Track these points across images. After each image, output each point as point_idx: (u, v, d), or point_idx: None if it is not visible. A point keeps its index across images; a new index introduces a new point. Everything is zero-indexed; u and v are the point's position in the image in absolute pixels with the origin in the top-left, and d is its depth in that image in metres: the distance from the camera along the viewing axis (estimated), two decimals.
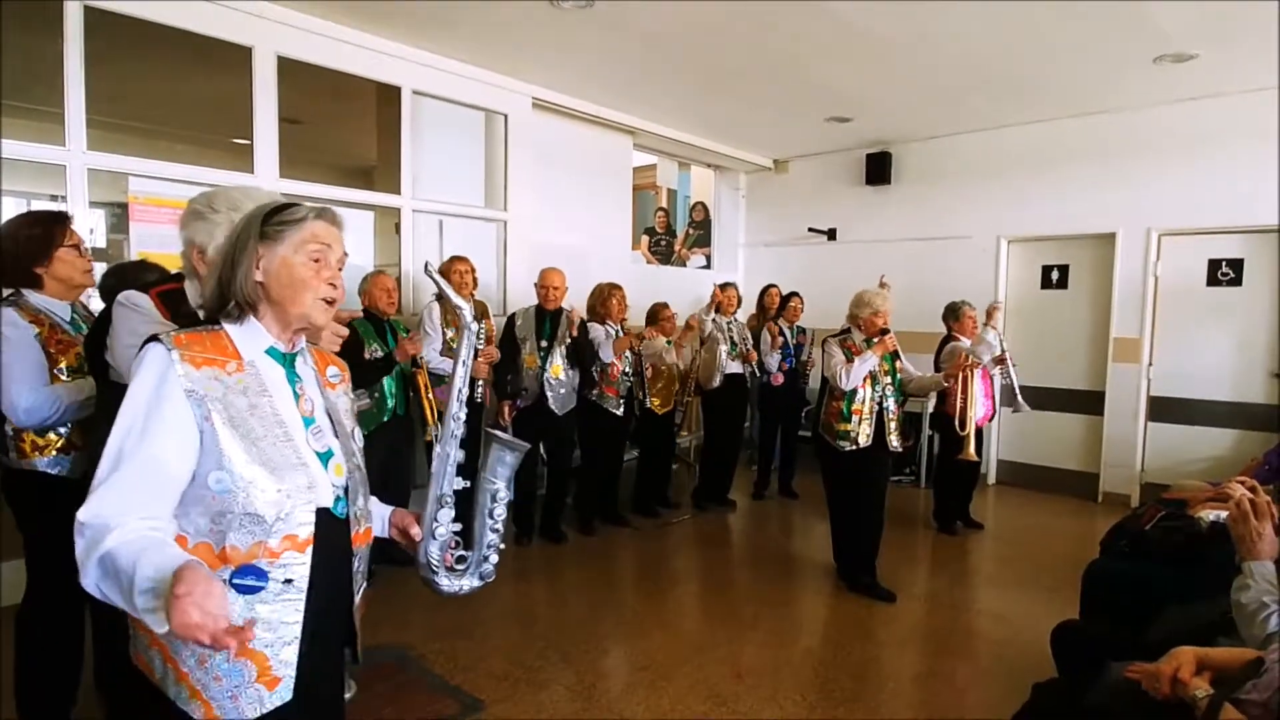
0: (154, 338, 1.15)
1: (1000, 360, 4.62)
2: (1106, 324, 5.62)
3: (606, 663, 3.03)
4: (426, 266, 1.30)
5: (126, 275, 2.52)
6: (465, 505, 1.32)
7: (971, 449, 4.22)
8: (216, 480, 1.12)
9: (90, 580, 1.05)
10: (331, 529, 1.25)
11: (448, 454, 1.28)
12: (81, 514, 1.07)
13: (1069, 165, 5.73)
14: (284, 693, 1.19)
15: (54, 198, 6.15)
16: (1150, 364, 5.49)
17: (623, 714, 2.62)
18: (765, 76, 4.92)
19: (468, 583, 1.31)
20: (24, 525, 2.23)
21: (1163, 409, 5.48)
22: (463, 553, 1.29)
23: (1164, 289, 5.43)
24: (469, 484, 1.33)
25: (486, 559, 1.31)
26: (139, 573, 1.00)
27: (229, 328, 1.21)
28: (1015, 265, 6.15)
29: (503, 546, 1.32)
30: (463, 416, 1.29)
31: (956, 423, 4.24)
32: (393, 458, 3.74)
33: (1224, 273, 5.23)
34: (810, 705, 2.70)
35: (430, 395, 3.82)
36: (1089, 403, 5.77)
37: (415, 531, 1.32)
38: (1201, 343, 5.30)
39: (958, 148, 6.28)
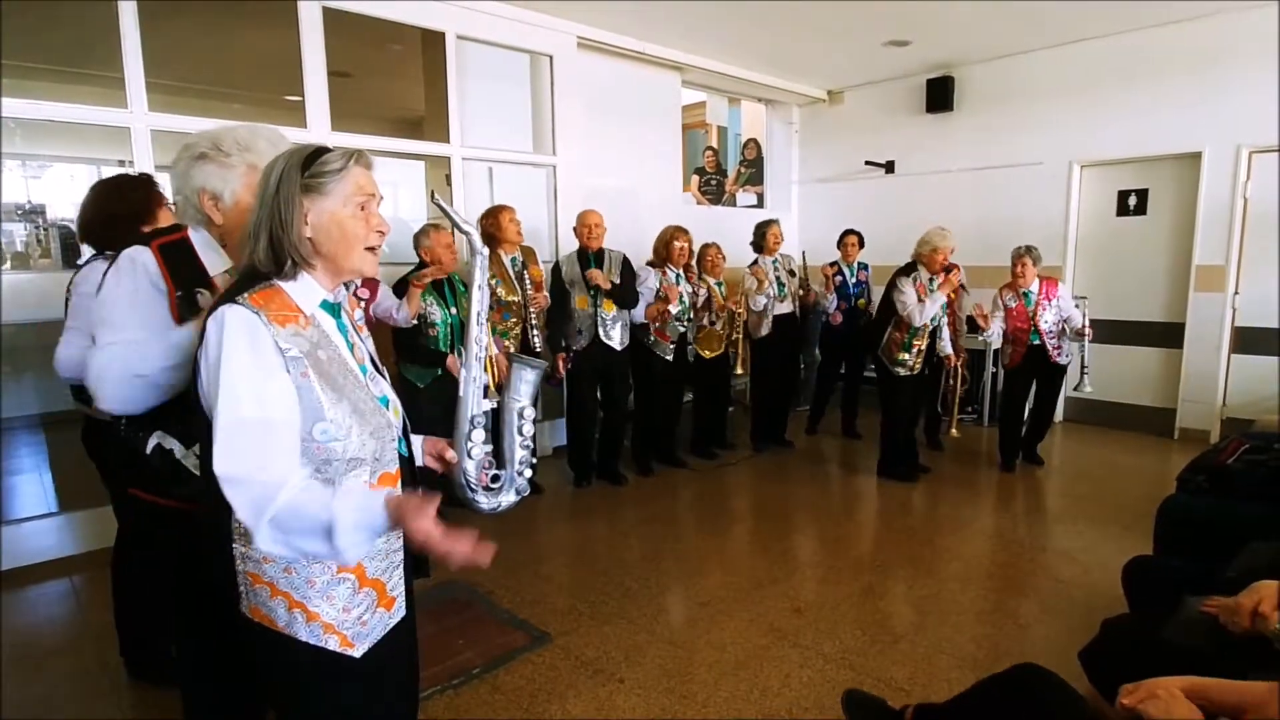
0: (230, 301, 1.12)
1: (1081, 334, 4.44)
2: (1188, 251, 5.30)
3: (667, 598, 3.10)
4: (432, 194, 1.30)
5: None
6: (493, 427, 1.36)
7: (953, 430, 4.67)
8: (322, 431, 1.14)
9: (265, 539, 1.08)
10: (403, 465, 1.32)
11: (473, 376, 1.29)
12: (234, 501, 1.08)
13: (1150, 80, 5.32)
14: (399, 610, 1.32)
15: (121, 163, 6.37)
16: (1236, 292, 5.17)
17: (685, 646, 2.69)
18: None
19: (505, 499, 1.34)
20: (108, 474, 2.34)
21: (1248, 340, 5.18)
22: (496, 472, 1.32)
23: (1254, 211, 5.06)
24: (495, 405, 1.36)
25: (520, 474, 1.34)
26: (339, 515, 1.06)
27: (283, 284, 1.18)
28: (1089, 191, 5.81)
29: (534, 462, 1.35)
30: (484, 339, 1.30)
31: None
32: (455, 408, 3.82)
33: None
34: (870, 639, 2.73)
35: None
36: (1166, 335, 5.49)
37: (450, 455, 1.35)
38: None
39: (1026, 67, 5.90)
